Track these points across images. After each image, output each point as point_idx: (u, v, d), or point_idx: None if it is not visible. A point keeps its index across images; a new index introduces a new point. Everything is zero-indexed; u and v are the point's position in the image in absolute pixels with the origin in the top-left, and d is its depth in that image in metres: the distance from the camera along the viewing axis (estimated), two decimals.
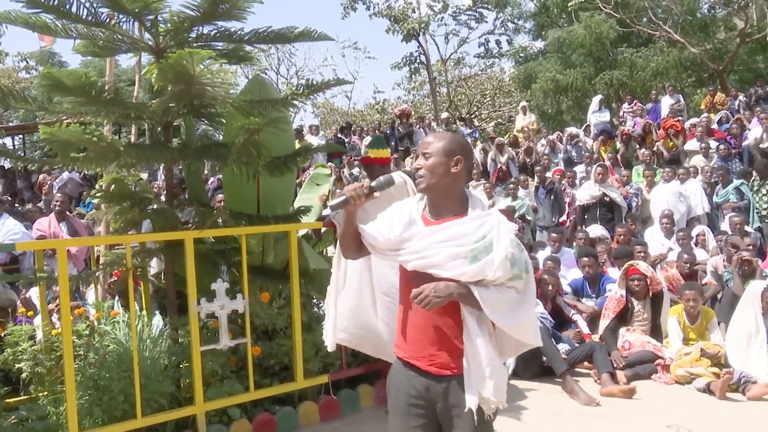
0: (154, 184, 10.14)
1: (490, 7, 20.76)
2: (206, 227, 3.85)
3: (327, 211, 4.84)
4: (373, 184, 2.18)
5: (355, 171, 11.87)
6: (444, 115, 16.91)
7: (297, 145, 5.06)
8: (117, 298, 5.19)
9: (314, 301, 4.60)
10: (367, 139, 12.61)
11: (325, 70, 25.35)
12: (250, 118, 3.54)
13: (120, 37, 4.02)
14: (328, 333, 2.81)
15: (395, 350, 2.25)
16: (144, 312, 4.37)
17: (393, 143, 14.43)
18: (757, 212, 9.03)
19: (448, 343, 2.10)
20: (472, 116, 23.97)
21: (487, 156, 13.13)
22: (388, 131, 15.08)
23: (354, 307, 2.61)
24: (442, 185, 2.14)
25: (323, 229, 5.00)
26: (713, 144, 10.84)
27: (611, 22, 17.03)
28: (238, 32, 4.15)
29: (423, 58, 20.83)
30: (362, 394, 4.51)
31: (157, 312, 4.71)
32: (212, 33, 4.13)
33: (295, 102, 4.13)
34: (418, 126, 15.05)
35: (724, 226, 8.66)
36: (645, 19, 17.27)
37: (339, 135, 15.79)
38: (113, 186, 4.09)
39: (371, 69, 56.54)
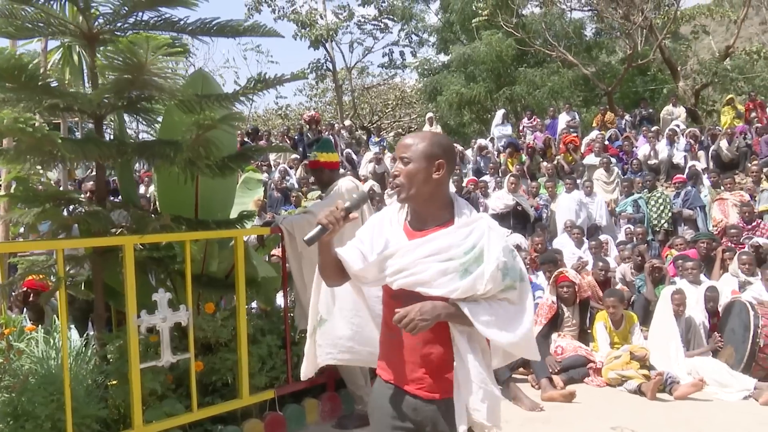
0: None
1: (395, 19, 21.07)
2: (148, 232, 3.49)
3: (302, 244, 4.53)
4: (348, 205, 1.94)
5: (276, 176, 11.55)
6: (347, 122, 16.87)
7: None
8: (25, 311, 4.65)
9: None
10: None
11: (226, 72, 24.50)
12: (204, 113, 3.25)
13: (45, 17, 3.58)
14: (304, 365, 2.45)
15: (379, 371, 2.08)
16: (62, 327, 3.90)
17: (302, 149, 14.19)
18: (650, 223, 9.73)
19: (437, 365, 1.93)
20: (373, 125, 24.17)
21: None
22: (296, 137, 14.80)
23: (353, 326, 2.40)
24: (423, 194, 1.92)
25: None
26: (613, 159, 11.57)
27: (510, 41, 17.86)
28: (182, 21, 3.84)
29: (329, 65, 20.72)
30: (308, 408, 4.31)
31: (72, 326, 4.25)
32: (153, 20, 3.79)
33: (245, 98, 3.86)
34: (327, 133, 14.89)
35: (621, 236, 9.28)
36: (540, 40, 18.28)
37: (245, 140, 15.27)
38: (18, 185, 3.64)
39: (273, 73, 55.37)
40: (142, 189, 9.83)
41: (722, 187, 9.41)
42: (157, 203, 4.72)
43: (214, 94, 3.90)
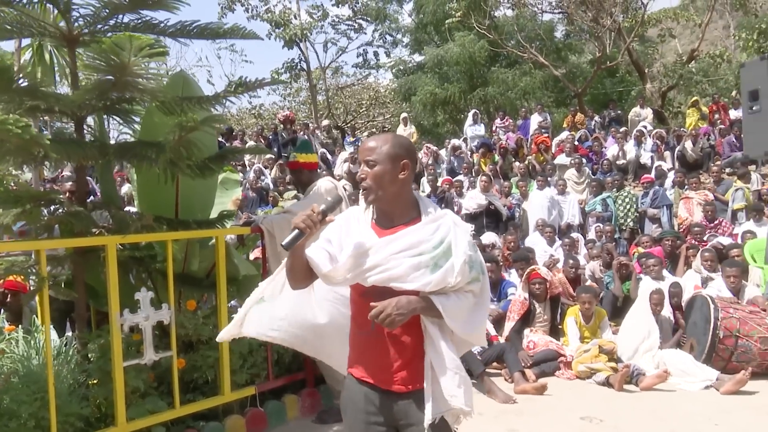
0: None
1: (369, 19, 21.17)
2: (131, 232, 3.54)
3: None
4: (323, 208, 1.96)
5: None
6: (325, 122, 16.92)
7: None
8: (2, 312, 4.65)
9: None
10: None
11: (199, 71, 24.31)
12: (188, 115, 3.31)
13: (25, 19, 3.60)
14: (227, 329, 2.58)
15: (349, 369, 2.11)
16: (42, 326, 3.93)
17: (276, 149, 14.21)
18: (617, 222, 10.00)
19: (409, 358, 1.98)
20: (347, 125, 24.25)
21: None
22: (271, 137, 14.80)
23: (293, 306, 2.41)
24: (390, 194, 1.98)
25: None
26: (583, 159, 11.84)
27: (482, 43, 18.12)
28: (162, 24, 3.88)
29: (304, 64, 20.72)
30: (288, 404, 4.39)
31: (51, 326, 4.26)
32: (133, 23, 3.83)
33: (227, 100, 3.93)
34: (302, 132, 14.92)
35: (591, 234, 9.53)
36: (512, 42, 18.59)
37: (219, 139, 15.20)
38: None
39: (247, 72, 54.88)
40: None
41: (687, 187, 9.72)
42: (135, 203, 4.75)
43: (195, 95, 3.97)
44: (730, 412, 4.33)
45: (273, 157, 13.26)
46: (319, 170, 4.59)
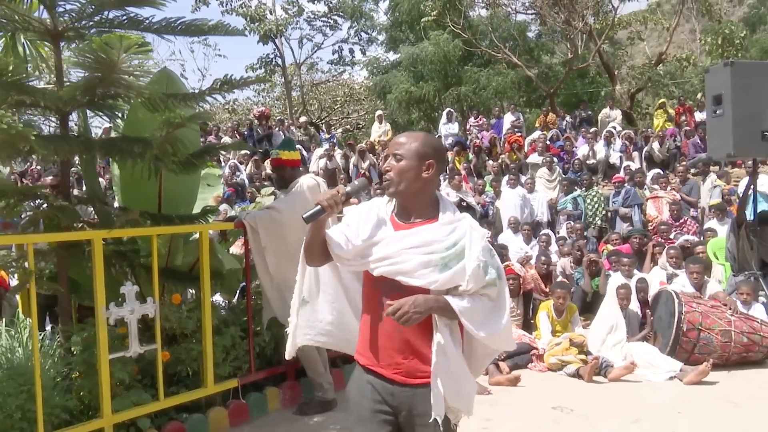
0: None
1: (345, 16, 21.19)
2: (117, 226, 3.59)
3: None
4: (348, 189, 2.05)
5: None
6: (302, 119, 16.93)
7: None
8: None
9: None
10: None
11: (172, 65, 24.01)
12: (176, 112, 3.38)
13: (9, 13, 3.61)
14: (288, 344, 2.46)
15: (357, 357, 2.16)
16: (26, 320, 3.96)
17: (251, 145, 14.18)
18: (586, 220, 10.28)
19: (415, 351, 2.01)
20: (322, 121, 24.27)
21: (348, 162, 13.42)
22: (246, 132, 14.77)
23: (335, 310, 2.38)
24: (411, 190, 2.02)
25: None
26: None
27: (457, 42, 18.32)
28: (148, 20, 3.93)
29: (279, 60, 20.66)
30: (270, 396, 4.48)
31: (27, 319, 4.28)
32: (118, 19, 3.87)
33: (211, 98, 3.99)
34: (277, 128, 14.93)
35: (562, 232, 9.79)
36: (486, 42, 18.83)
37: None
38: None
39: (221, 67, 54.14)
40: None
41: (658, 186, 10.05)
42: (116, 198, 4.77)
43: (179, 92, 4.02)
44: (693, 401, 4.56)
45: (248, 152, 13.25)
46: (301, 167, 4.67)
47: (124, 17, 3.85)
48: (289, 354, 2.49)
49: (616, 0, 17.01)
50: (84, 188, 7.34)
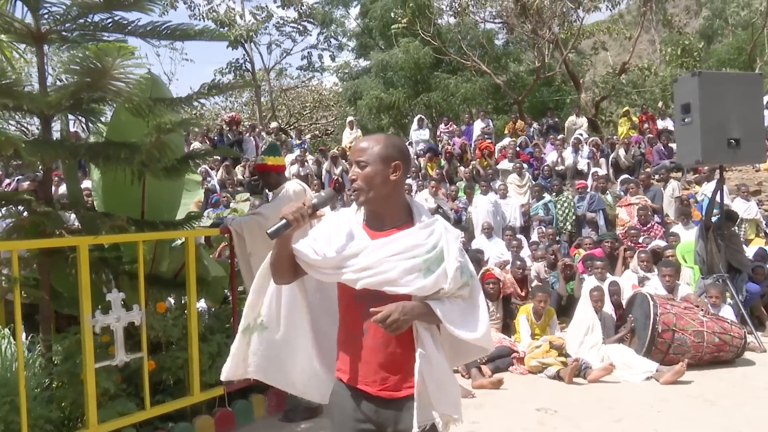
0: None
1: (314, 22, 21.18)
2: (104, 232, 3.53)
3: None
4: (315, 202, 1.95)
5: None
6: (273, 125, 16.83)
7: None
8: None
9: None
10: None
11: (137, 70, 23.54)
12: (165, 117, 3.35)
13: None
14: (229, 365, 2.23)
15: (338, 374, 2.05)
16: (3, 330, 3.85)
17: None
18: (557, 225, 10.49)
19: (399, 363, 1.94)
20: (291, 127, 24.15)
21: (321, 167, 13.40)
22: (216, 138, 14.60)
23: (293, 351, 2.19)
24: (382, 196, 1.95)
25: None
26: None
27: (427, 49, 18.49)
28: (133, 24, 3.88)
29: (248, 65, 20.51)
30: (255, 403, 4.44)
31: (7, 329, 4.16)
32: (103, 22, 3.81)
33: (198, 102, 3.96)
34: (248, 134, 14.80)
35: (534, 237, 9.96)
36: (454, 49, 19.05)
37: None
38: None
39: (188, 71, 53.32)
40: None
41: (627, 192, 10.33)
42: (95, 203, 4.68)
43: (165, 97, 3.98)
44: (670, 400, 4.69)
45: (219, 157, 13.10)
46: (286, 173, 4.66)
47: (109, 21, 3.80)
48: (227, 376, 2.23)
49: (580, 10, 17.40)
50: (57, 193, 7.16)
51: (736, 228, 8.29)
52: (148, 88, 4.14)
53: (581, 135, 13.72)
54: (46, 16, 3.66)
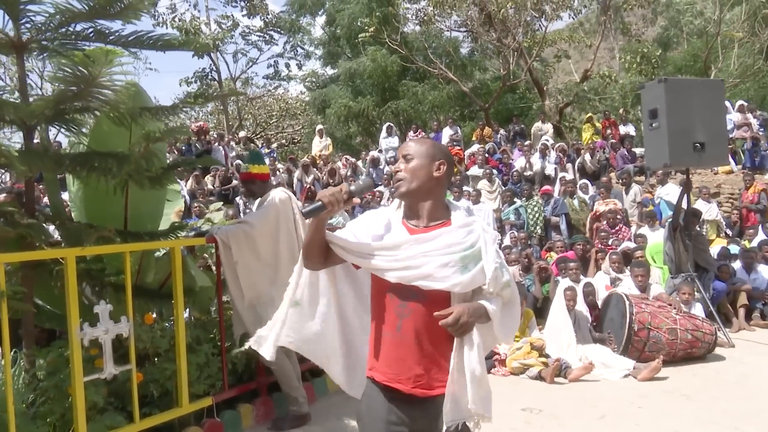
0: None
1: (281, 31, 21.14)
2: (90, 244, 3.48)
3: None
4: (353, 188, 1.97)
5: None
6: (241, 134, 16.70)
7: None
8: None
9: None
10: None
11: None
12: (155, 126, 3.33)
13: None
14: (269, 341, 2.29)
15: (369, 372, 2.06)
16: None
17: (187, 158, 13.86)
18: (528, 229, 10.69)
19: (434, 361, 1.95)
20: (257, 136, 23.99)
21: (292, 176, 13.37)
22: (184, 148, 14.42)
23: (325, 326, 2.26)
24: (423, 190, 1.98)
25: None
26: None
27: (394, 57, 18.66)
28: (117, 33, 3.84)
29: (215, 74, 20.34)
30: (243, 413, 4.41)
31: None
32: (85, 31, 3.77)
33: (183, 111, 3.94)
34: (216, 143, 14.67)
35: (507, 241, 10.13)
36: (421, 57, 19.27)
37: None
38: None
39: (151, 81, 52.32)
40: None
41: (576, 196, 10.63)
42: (73, 214, 4.60)
43: (150, 106, 3.95)
44: (648, 396, 4.84)
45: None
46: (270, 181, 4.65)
47: (90, 30, 3.76)
48: (269, 353, 2.30)
49: (543, 19, 17.78)
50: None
51: (699, 228, 8.60)
52: (130, 97, 4.12)
53: (548, 141, 14.02)
54: (27, 26, 3.61)
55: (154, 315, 4.23)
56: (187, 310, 4.51)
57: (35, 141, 3.80)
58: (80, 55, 2.91)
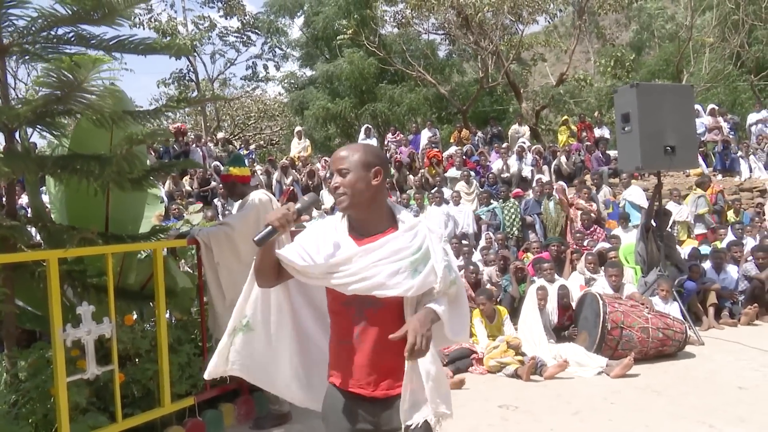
0: None
1: (258, 32, 21.11)
2: (72, 246, 3.50)
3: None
4: (299, 206, 1.99)
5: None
6: (220, 135, 16.65)
7: None
8: None
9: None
10: None
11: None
12: (137, 129, 3.37)
13: None
14: (213, 363, 2.36)
15: (331, 379, 2.11)
16: None
17: (168, 161, 13.79)
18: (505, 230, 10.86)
19: (392, 363, 1.98)
20: (235, 137, 23.90)
21: (271, 178, 13.37)
22: (162, 149, 14.31)
23: (274, 353, 2.29)
24: (365, 201, 2.00)
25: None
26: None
27: (372, 60, 18.76)
28: (98, 37, 3.87)
29: (192, 75, 20.23)
30: (225, 412, 4.46)
31: None
32: (66, 36, 3.80)
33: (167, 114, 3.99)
34: (194, 145, 14.60)
35: (482, 242, 10.28)
36: (398, 59, 19.40)
37: None
38: None
39: (128, 82, 51.55)
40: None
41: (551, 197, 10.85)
42: (53, 216, 4.60)
43: (130, 109, 3.99)
44: (621, 392, 4.99)
45: None
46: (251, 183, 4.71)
47: (72, 34, 3.79)
48: (210, 374, 2.37)
49: (520, 23, 18.04)
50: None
51: (670, 228, 8.85)
52: (118, 101, 4.15)
53: (524, 143, 14.22)
54: (9, 29, 3.63)
55: (135, 316, 4.27)
56: (168, 311, 4.54)
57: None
58: (68, 60, 2.93)
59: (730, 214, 11.16)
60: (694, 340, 6.36)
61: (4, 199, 4.74)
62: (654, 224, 7.25)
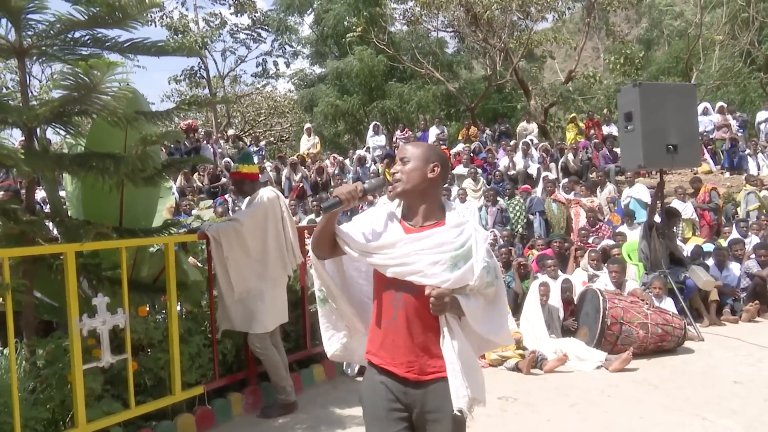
0: None
1: (269, 29, 21.28)
2: (88, 240, 3.67)
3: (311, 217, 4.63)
4: (366, 186, 2.15)
5: None
6: (230, 131, 16.85)
7: None
8: None
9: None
10: None
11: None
12: (151, 129, 3.53)
13: None
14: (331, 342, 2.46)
15: (369, 357, 2.24)
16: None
17: (179, 158, 14.00)
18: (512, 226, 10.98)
19: (426, 348, 2.10)
20: (245, 134, 24.12)
21: (280, 174, 13.55)
22: (172, 146, 14.52)
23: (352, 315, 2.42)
24: (418, 190, 2.15)
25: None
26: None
27: (381, 57, 18.88)
28: (113, 39, 4.04)
29: (204, 72, 20.44)
30: (233, 401, 4.63)
31: None
32: (82, 38, 3.96)
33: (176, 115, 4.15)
34: (205, 141, 14.81)
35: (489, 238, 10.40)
36: (407, 57, 19.51)
37: None
38: None
39: (140, 78, 51.99)
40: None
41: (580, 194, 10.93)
42: (70, 211, 4.78)
43: (146, 110, 4.15)
44: (619, 386, 5.11)
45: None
46: (260, 180, 4.86)
47: (88, 37, 3.96)
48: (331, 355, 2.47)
49: (529, 20, 18.08)
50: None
51: (676, 227, 8.92)
52: (130, 101, 4.32)
53: (531, 140, 14.30)
54: (29, 33, 3.80)
55: (148, 308, 4.45)
56: (179, 303, 4.71)
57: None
58: (84, 65, 3.09)
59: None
60: (693, 336, 6.45)
61: (23, 195, 4.94)
62: (658, 222, 7.33)
